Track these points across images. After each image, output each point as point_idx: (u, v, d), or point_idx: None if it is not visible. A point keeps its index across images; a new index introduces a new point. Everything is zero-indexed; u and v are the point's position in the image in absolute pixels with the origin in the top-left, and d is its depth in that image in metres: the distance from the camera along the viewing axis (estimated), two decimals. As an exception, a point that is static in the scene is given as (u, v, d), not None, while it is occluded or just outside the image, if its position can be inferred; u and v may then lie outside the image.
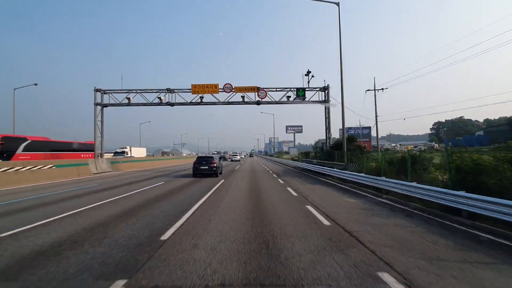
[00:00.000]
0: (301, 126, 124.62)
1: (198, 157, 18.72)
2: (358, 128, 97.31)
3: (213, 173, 16.73)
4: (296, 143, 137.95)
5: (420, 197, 7.42)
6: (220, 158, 71.50)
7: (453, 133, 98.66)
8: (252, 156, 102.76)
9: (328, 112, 21.24)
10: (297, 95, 21.83)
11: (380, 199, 8.91)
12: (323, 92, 22.08)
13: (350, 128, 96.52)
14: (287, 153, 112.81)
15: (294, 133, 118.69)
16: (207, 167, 16.64)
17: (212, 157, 18.29)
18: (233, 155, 56.37)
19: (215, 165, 16.87)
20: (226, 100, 22.09)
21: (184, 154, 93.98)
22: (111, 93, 22.75)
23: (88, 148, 28.90)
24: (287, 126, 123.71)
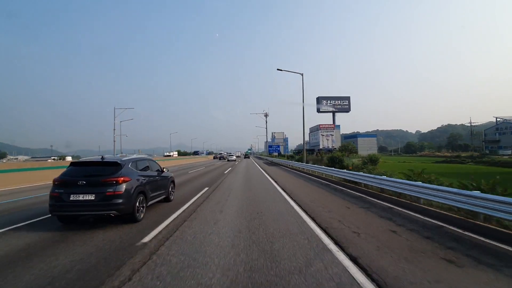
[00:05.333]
0: (348, 99, 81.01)
1: (71, 164, 6.35)
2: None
3: (116, 211, 5.64)
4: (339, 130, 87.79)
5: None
6: (220, 158, 68.22)
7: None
8: (248, 157, 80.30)
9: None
10: None
11: None
12: None
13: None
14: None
15: (333, 112, 79.67)
16: (93, 196, 5.52)
17: (117, 165, 6.14)
18: (229, 155, 61.28)
19: (122, 188, 5.73)
20: None
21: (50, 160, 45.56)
22: None
23: None
24: (320, 98, 79.53)
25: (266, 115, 70.16)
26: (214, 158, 78.09)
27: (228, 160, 52.73)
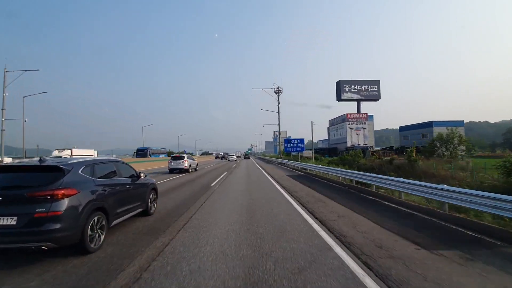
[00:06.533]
0: (377, 84, 63.83)
1: None
2: None
3: (52, 242, 3.67)
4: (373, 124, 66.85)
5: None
6: (221, 157, 74.97)
7: None
8: (248, 158, 78.56)
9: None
10: None
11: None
12: None
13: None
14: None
15: (358, 101, 63.35)
16: (14, 220, 3.63)
17: (57, 170, 4.16)
18: (230, 156, 66.21)
19: (62, 206, 3.77)
20: None
21: None
22: None
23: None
24: (341, 83, 62.66)
25: (278, 92, 47.26)
26: (216, 158, 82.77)
27: (228, 160, 57.11)
